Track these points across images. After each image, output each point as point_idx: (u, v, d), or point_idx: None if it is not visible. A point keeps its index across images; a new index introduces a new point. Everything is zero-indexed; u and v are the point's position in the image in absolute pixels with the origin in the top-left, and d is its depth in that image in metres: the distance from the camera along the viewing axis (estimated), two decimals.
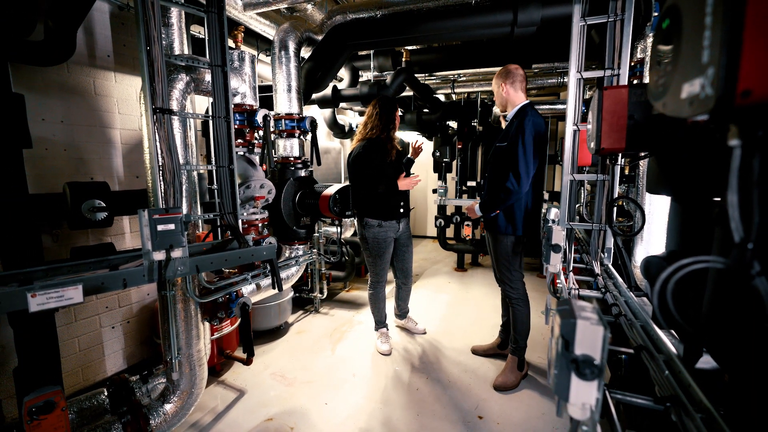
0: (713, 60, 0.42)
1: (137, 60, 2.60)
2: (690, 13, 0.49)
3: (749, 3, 0.39)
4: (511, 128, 2.17)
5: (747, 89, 0.40)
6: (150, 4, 1.46)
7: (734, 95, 0.40)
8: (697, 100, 0.46)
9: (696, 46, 0.46)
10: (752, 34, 0.39)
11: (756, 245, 0.46)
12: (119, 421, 1.64)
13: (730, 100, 0.41)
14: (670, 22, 0.56)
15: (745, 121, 0.47)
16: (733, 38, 0.40)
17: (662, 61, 0.58)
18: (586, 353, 0.60)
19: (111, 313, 2.54)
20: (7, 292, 1.01)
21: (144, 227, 1.29)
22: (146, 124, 1.60)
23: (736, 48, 0.40)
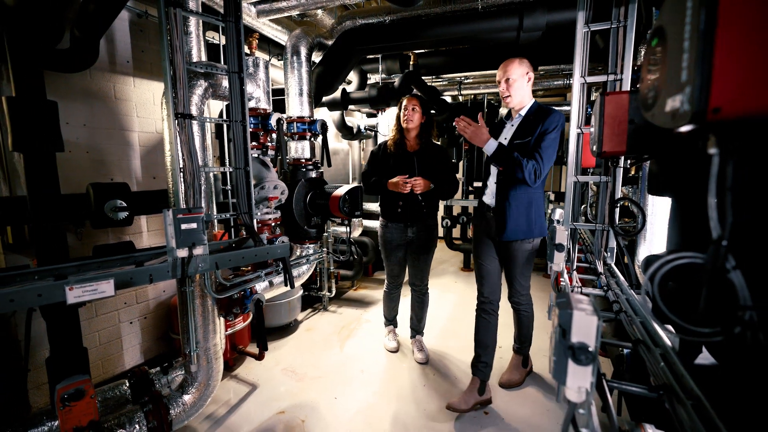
0: (690, 80, 0.49)
1: (155, 65, 2.70)
2: (673, 36, 0.55)
3: (718, 33, 0.45)
4: (534, 124, 1.97)
5: (717, 107, 0.46)
6: (173, 15, 1.55)
7: (707, 111, 0.47)
8: (677, 114, 0.52)
9: (677, 65, 0.52)
10: (722, 59, 0.45)
11: (730, 242, 0.52)
12: (141, 410, 1.72)
13: (703, 116, 0.47)
14: (658, 41, 0.62)
15: (722, 132, 0.53)
16: (706, 62, 0.46)
17: (652, 76, 0.64)
18: (581, 341, 0.67)
19: (129, 309, 2.64)
20: (47, 286, 1.10)
21: (168, 226, 1.37)
22: (168, 129, 1.68)
23: (708, 71, 0.46)
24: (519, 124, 2.04)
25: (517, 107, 2.06)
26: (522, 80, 1.99)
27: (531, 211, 2.06)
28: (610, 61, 1.73)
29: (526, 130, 1.99)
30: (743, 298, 0.53)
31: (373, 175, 2.63)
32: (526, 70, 1.99)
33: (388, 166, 2.57)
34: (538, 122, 1.95)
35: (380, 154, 2.65)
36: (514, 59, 1.98)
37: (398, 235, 2.65)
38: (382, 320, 3.19)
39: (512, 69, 1.97)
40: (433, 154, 2.54)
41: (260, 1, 2.42)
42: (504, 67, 2.00)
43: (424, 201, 2.56)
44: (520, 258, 2.15)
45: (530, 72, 2.00)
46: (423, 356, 2.85)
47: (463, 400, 2.23)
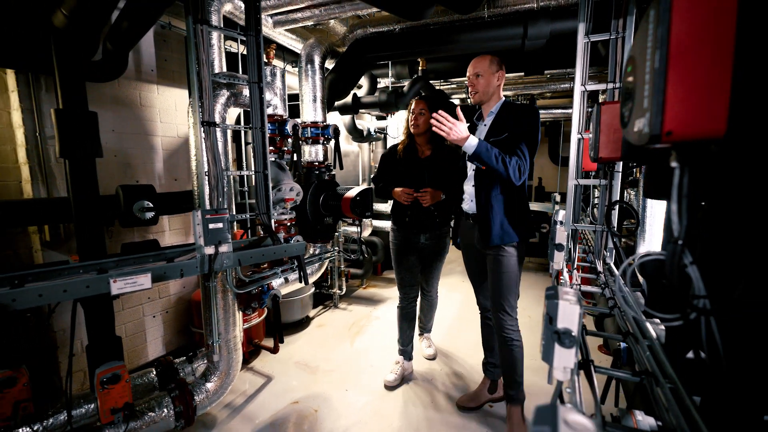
0: (649, 107, 0.59)
1: (176, 73, 2.86)
2: (639, 68, 0.65)
3: (669, 72, 0.55)
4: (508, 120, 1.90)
5: (669, 130, 0.56)
6: (200, 31, 1.68)
7: (661, 134, 0.57)
8: (641, 134, 0.62)
9: (641, 93, 0.62)
10: (672, 92, 0.55)
11: (685, 241, 0.62)
12: (168, 395, 1.86)
13: (659, 137, 0.57)
14: (631, 69, 0.72)
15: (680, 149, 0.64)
16: (661, 94, 0.56)
17: (626, 98, 0.75)
18: (566, 326, 0.77)
19: (152, 303, 2.80)
20: (95, 279, 1.23)
21: (197, 225, 1.50)
22: (193, 136, 1.82)
23: (662, 101, 0.56)
24: (492, 122, 1.95)
25: (486, 105, 1.99)
26: (491, 78, 1.91)
27: (515, 212, 1.94)
28: (610, 70, 1.81)
29: (501, 126, 1.90)
30: (698, 288, 0.63)
31: (381, 180, 2.54)
32: (496, 68, 1.91)
33: (398, 172, 2.45)
34: (512, 117, 1.89)
35: (390, 159, 2.53)
36: (485, 56, 1.93)
37: (409, 242, 2.52)
38: (391, 317, 3.30)
39: (481, 65, 1.91)
40: (447, 160, 2.35)
41: (277, 13, 2.55)
42: (474, 63, 1.94)
43: (437, 210, 2.42)
44: (507, 268, 1.94)
45: (501, 71, 1.93)
46: (432, 351, 2.92)
47: (472, 398, 2.33)
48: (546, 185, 6.61)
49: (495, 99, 1.98)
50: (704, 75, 0.54)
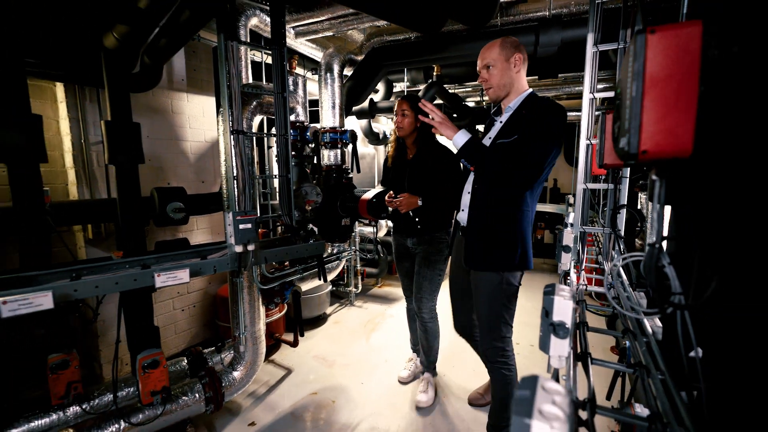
0: (629, 129, 0.68)
1: (204, 82, 3.04)
2: (623, 93, 0.74)
3: (644, 102, 0.65)
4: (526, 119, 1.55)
5: (645, 150, 0.66)
6: (230, 47, 1.83)
7: (638, 152, 0.66)
8: (624, 151, 0.72)
9: (624, 116, 0.72)
10: (647, 118, 0.65)
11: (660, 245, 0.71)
12: (199, 382, 2.02)
13: (636, 156, 0.67)
14: (619, 92, 0.81)
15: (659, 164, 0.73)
16: (637, 119, 0.66)
17: (616, 117, 0.84)
18: (560, 319, 0.87)
19: (181, 297, 2.98)
20: (142, 273, 1.39)
21: (228, 225, 1.65)
22: (223, 143, 1.97)
23: (639, 125, 0.66)
24: (508, 119, 1.60)
25: (506, 99, 1.63)
26: (505, 66, 1.56)
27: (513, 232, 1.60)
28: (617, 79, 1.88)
29: (514, 126, 1.55)
30: (674, 286, 0.72)
31: (383, 184, 2.52)
32: (510, 53, 1.55)
33: (389, 176, 2.46)
34: (529, 115, 1.52)
35: (385, 163, 2.52)
36: (494, 42, 1.59)
37: (402, 246, 2.44)
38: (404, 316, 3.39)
39: (490, 54, 1.56)
40: (431, 161, 2.16)
41: (299, 25, 2.69)
42: (482, 53, 1.60)
43: (417, 217, 2.24)
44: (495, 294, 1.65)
45: (518, 54, 1.56)
46: (424, 399, 2.38)
47: (482, 395, 2.40)
48: (561, 186, 6.59)
49: (516, 91, 1.61)
50: (673, 104, 0.63)
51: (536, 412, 0.45)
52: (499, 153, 1.53)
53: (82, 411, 1.79)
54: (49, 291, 1.18)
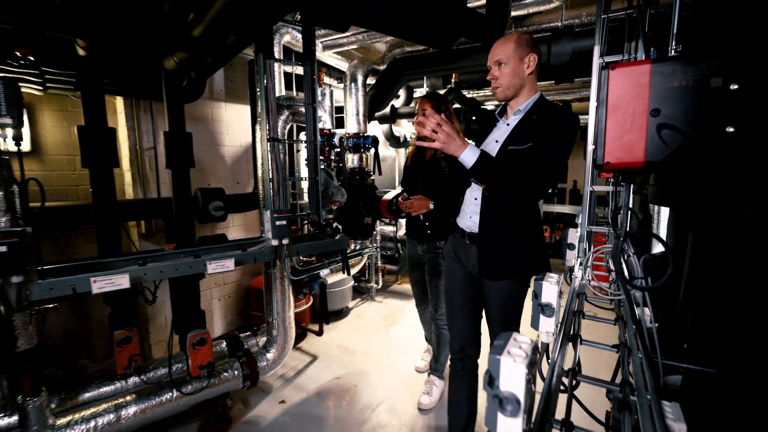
0: (597, 145, 0.85)
1: (240, 92, 3.32)
2: (597, 113, 0.91)
3: (607, 124, 0.82)
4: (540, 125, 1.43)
5: (608, 161, 0.83)
6: (268, 64, 2.07)
7: (603, 164, 0.83)
8: (595, 163, 0.89)
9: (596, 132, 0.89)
10: (609, 137, 0.82)
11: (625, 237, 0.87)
12: (238, 361, 2.27)
13: (602, 166, 0.84)
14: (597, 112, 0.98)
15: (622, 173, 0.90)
16: (602, 137, 0.83)
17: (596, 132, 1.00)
18: (547, 301, 1.03)
19: (219, 288, 3.28)
20: (196, 261, 1.64)
21: (266, 222, 1.88)
22: (260, 149, 2.22)
23: (603, 142, 0.83)
24: (518, 123, 1.48)
25: (514, 101, 1.51)
26: (519, 65, 1.43)
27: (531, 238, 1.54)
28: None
29: (527, 131, 1.44)
30: (637, 272, 0.88)
31: (403, 186, 2.47)
32: (525, 51, 1.42)
33: (407, 177, 2.42)
34: (547, 122, 1.42)
35: (405, 164, 2.49)
36: (509, 37, 1.45)
37: (414, 254, 2.38)
38: None
39: (504, 49, 1.42)
40: (447, 162, 2.07)
41: (326, 40, 2.93)
42: (494, 48, 1.46)
43: (427, 221, 2.18)
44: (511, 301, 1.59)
45: (532, 54, 1.43)
46: (427, 401, 2.40)
47: None
48: (581, 188, 6.58)
49: (526, 93, 1.49)
50: (629, 126, 0.80)
51: (505, 353, 0.63)
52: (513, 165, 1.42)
53: (140, 381, 2.08)
54: (127, 273, 1.44)
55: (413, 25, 1.68)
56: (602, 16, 2.01)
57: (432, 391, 2.48)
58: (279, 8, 1.42)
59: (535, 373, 0.75)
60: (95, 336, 2.67)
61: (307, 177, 2.32)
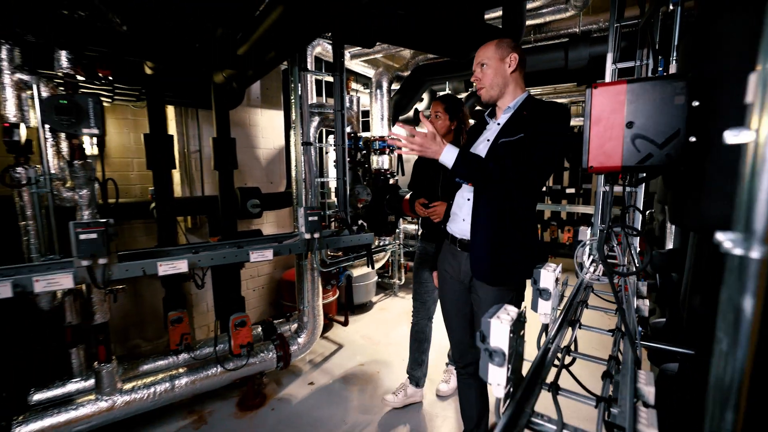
0: (583, 151, 1.01)
1: (274, 98, 3.59)
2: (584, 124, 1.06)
3: (591, 132, 0.97)
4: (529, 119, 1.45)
5: (591, 165, 0.98)
6: (303, 76, 2.30)
7: (587, 167, 0.99)
8: (582, 166, 1.04)
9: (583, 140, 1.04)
10: (592, 144, 0.97)
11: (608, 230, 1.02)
12: (272, 343, 2.52)
13: (587, 169, 0.99)
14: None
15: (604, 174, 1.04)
16: (587, 145, 0.98)
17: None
18: (545, 286, 1.19)
19: (253, 279, 3.56)
20: (241, 251, 1.88)
21: (300, 217, 2.11)
22: (295, 152, 2.45)
23: (588, 149, 0.98)
24: (508, 120, 1.51)
25: (502, 101, 1.54)
26: (500, 65, 1.47)
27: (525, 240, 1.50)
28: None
29: (517, 125, 1.46)
30: (620, 260, 1.03)
31: (413, 187, 2.41)
32: (506, 52, 1.46)
33: (420, 178, 2.32)
34: (533, 115, 1.45)
35: (415, 164, 2.40)
36: (491, 41, 1.50)
37: (426, 254, 2.31)
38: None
39: (484, 52, 1.49)
40: None
41: (354, 50, 3.14)
42: (478, 52, 1.53)
43: None
44: None
45: (514, 54, 1.47)
46: (446, 388, 2.55)
47: None
48: None
49: (512, 92, 1.52)
50: (608, 136, 0.95)
51: (495, 317, 0.79)
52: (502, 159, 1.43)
53: (189, 357, 2.36)
54: (185, 259, 1.70)
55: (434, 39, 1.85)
56: (615, 25, 2.11)
57: (450, 379, 2.61)
58: (314, 31, 1.64)
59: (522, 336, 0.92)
60: (147, 320, 3.00)
61: (335, 177, 2.54)
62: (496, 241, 1.48)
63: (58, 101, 1.48)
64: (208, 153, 3.07)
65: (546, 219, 5.51)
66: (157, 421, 2.30)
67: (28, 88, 1.62)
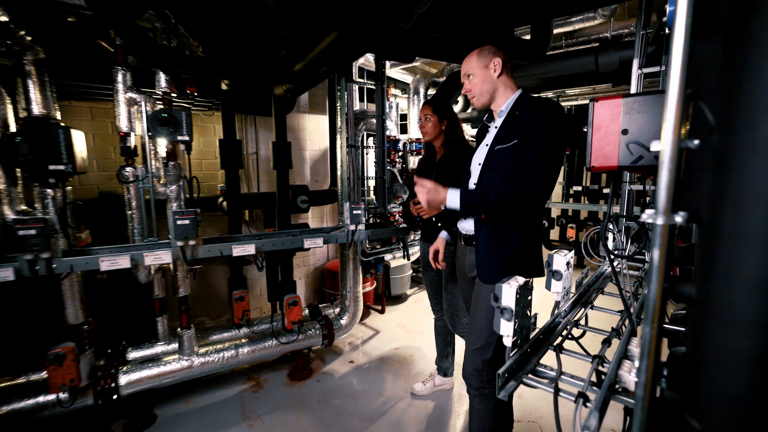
0: (586, 154, 1.21)
1: (320, 105, 3.95)
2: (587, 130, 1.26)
3: (593, 138, 1.17)
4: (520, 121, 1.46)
5: (593, 165, 1.18)
6: (348, 87, 2.60)
7: (590, 167, 1.19)
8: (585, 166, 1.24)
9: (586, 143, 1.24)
10: (593, 147, 1.17)
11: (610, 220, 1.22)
12: (318, 323, 2.85)
13: (589, 168, 1.19)
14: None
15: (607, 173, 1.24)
16: (589, 148, 1.19)
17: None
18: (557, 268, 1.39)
19: (300, 269, 3.94)
20: (296, 238, 2.21)
21: (345, 211, 2.41)
22: (340, 154, 2.77)
23: (590, 152, 1.18)
24: (502, 122, 1.54)
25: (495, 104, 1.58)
26: (485, 72, 1.52)
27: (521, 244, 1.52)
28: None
29: (510, 129, 1.49)
30: (620, 245, 1.22)
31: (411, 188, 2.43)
32: (488, 59, 1.52)
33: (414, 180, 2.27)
34: (524, 118, 1.45)
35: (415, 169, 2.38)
36: (473, 52, 1.56)
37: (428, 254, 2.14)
38: None
39: (468, 63, 1.55)
40: (456, 163, 2.03)
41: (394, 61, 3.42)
42: (463, 64, 1.59)
43: (439, 222, 2.15)
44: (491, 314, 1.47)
45: (496, 59, 1.51)
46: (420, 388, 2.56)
47: None
48: None
49: (504, 94, 1.56)
50: (606, 141, 1.15)
51: (506, 283, 1.03)
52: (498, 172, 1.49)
53: (249, 331, 2.74)
54: (253, 243, 2.05)
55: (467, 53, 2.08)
56: (641, 32, 2.24)
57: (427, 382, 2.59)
58: (361, 51, 1.92)
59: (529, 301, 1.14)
60: (212, 299, 3.45)
61: (375, 176, 2.82)
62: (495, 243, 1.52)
63: (161, 114, 1.87)
64: (263, 155, 3.47)
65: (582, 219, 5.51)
66: (223, 384, 2.70)
67: (136, 104, 2.03)
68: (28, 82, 1.72)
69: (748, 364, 0.56)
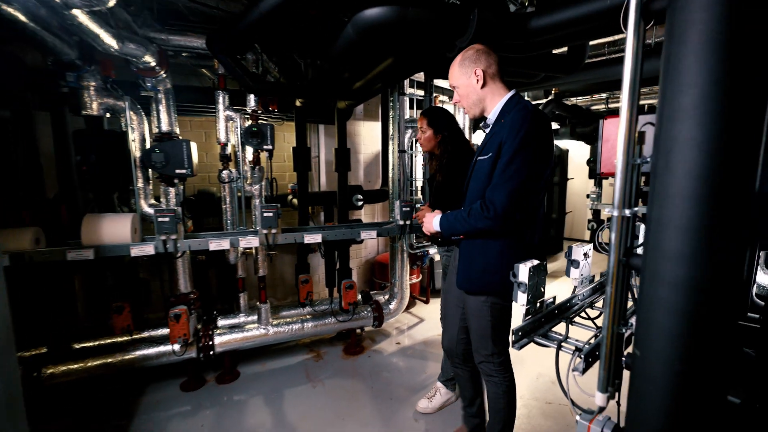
0: (596, 161, 1.46)
1: (372, 112, 4.36)
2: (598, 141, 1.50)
3: (602, 148, 1.42)
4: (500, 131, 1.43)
5: (602, 171, 1.43)
6: (400, 99, 2.96)
7: (600, 172, 1.44)
8: (595, 172, 1.49)
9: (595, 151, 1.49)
10: (603, 156, 1.43)
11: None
12: (369, 307, 3.25)
13: (599, 174, 1.45)
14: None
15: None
16: (599, 157, 1.44)
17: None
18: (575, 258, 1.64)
19: (353, 260, 4.38)
20: (354, 230, 2.62)
21: (396, 208, 2.78)
22: (392, 158, 3.14)
23: (600, 160, 1.44)
24: (488, 131, 1.53)
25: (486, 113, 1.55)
26: (468, 83, 1.49)
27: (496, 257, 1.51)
28: None
29: (491, 141, 1.47)
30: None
31: None
32: (469, 69, 1.47)
33: None
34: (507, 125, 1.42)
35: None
36: (454, 61, 1.52)
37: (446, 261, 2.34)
38: None
39: (452, 76, 1.53)
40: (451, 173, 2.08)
41: None
42: (449, 76, 1.56)
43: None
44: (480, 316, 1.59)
45: (476, 66, 1.46)
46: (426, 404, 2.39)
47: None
48: None
49: (491, 102, 1.51)
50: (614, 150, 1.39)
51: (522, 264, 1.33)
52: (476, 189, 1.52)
53: (312, 310, 3.21)
54: (320, 233, 2.49)
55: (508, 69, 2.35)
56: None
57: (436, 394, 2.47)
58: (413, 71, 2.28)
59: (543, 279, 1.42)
60: (278, 283, 3.99)
61: (422, 178, 3.16)
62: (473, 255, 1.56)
63: (252, 128, 2.36)
64: (324, 158, 3.95)
65: None
66: (290, 353, 3.19)
67: (231, 120, 2.56)
68: (159, 107, 2.29)
69: (672, 309, 0.83)
